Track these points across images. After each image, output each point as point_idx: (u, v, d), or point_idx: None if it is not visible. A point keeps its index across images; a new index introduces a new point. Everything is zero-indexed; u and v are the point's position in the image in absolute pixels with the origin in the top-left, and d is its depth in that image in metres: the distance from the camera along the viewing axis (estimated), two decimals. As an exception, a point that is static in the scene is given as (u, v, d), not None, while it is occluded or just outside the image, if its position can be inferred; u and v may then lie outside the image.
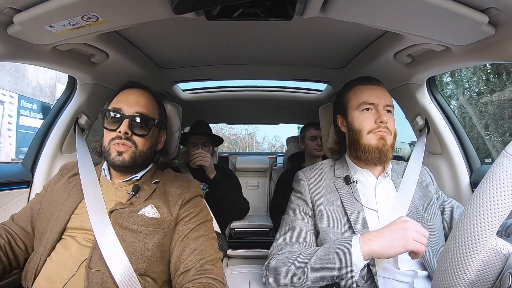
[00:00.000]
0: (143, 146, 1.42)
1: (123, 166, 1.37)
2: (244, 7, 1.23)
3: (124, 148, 1.36)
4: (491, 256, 0.70)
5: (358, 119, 1.48)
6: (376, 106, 1.45)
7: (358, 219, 1.38)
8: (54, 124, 1.96)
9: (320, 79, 2.63)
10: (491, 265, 0.71)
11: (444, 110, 1.94)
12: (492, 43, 1.25)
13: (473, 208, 0.71)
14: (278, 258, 1.32)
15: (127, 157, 1.36)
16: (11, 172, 1.87)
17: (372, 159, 1.43)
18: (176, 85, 2.79)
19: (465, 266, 0.70)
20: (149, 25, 1.28)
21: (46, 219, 1.35)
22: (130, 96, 1.44)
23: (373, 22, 1.25)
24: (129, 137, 1.37)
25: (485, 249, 0.69)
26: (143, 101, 1.45)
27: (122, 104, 1.40)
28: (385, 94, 1.50)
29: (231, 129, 26.89)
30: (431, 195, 1.52)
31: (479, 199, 0.70)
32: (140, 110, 1.41)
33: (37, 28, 1.21)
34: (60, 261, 1.24)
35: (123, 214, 1.30)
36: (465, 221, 0.71)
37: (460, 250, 0.71)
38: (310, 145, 2.99)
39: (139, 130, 1.39)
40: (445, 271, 0.74)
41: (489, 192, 0.69)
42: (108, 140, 1.38)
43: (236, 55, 2.09)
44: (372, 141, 1.43)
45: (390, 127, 1.44)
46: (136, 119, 1.38)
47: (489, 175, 0.72)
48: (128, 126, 1.36)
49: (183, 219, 1.38)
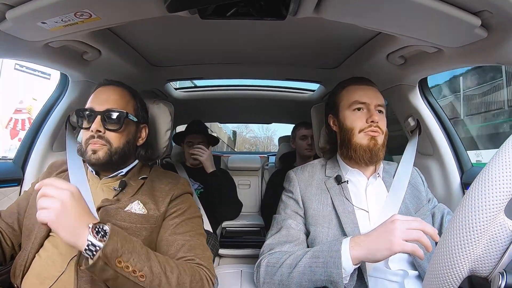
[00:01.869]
0: (119, 142, 1.40)
1: (98, 164, 1.36)
2: (237, 6, 1.23)
3: (98, 146, 1.35)
4: (498, 231, 0.69)
5: (349, 118, 1.49)
6: (367, 106, 1.46)
7: (348, 219, 1.39)
8: (45, 122, 1.95)
9: (313, 79, 2.64)
10: (498, 241, 0.69)
11: (435, 112, 1.95)
12: (484, 46, 1.26)
13: (484, 181, 0.68)
14: (269, 258, 1.33)
15: (101, 155, 1.35)
16: (2, 170, 1.86)
17: (362, 158, 1.44)
18: (169, 84, 2.78)
19: (473, 240, 0.68)
20: (142, 23, 1.28)
21: (34, 216, 1.33)
22: (101, 95, 1.44)
23: (366, 23, 1.25)
24: (102, 135, 1.36)
25: (492, 225, 0.68)
26: (114, 97, 1.44)
27: (93, 103, 1.40)
28: (377, 94, 1.50)
29: (251, 132, 29.31)
30: (422, 196, 1.53)
31: (490, 172, 0.68)
32: (110, 106, 1.39)
33: (30, 24, 1.20)
34: (49, 258, 1.23)
35: (110, 211, 1.30)
36: (473, 196, 0.69)
37: (468, 225, 0.69)
38: (301, 145, 3.01)
39: (112, 126, 1.38)
40: (445, 256, 0.72)
41: (500, 166, 0.68)
42: (84, 140, 1.38)
43: (229, 54, 2.09)
44: (363, 141, 1.44)
45: (381, 126, 1.45)
46: (106, 115, 1.37)
47: (500, 151, 0.69)
48: (99, 124, 1.35)
49: (171, 215, 1.38)
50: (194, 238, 1.33)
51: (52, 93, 2.02)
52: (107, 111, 1.37)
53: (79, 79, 1.90)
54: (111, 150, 1.37)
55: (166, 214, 1.38)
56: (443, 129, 1.93)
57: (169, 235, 1.32)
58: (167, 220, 1.37)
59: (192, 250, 1.28)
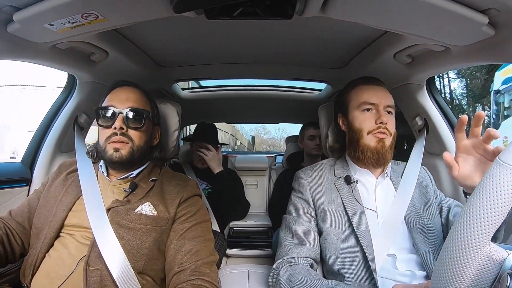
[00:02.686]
0: (140, 140, 1.43)
1: (121, 162, 1.37)
2: (244, 6, 1.23)
3: (121, 144, 1.37)
4: (485, 263, 0.70)
5: (358, 119, 1.48)
6: (376, 107, 1.45)
7: (358, 220, 1.39)
8: (53, 123, 1.96)
9: (320, 79, 2.63)
10: (485, 272, 0.71)
11: (443, 111, 1.94)
12: (491, 44, 1.25)
13: (467, 217, 0.71)
14: (290, 271, 1.32)
15: (124, 153, 1.37)
16: (10, 170, 1.87)
17: (370, 159, 1.43)
18: (176, 84, 2.79)
19: (460, 274, 0.70)
20: (149, 23, 1.28)
21: (44, 216, 1.35)
22: (121, 94, 1.45)
23: (373, 22, 1.24)
24: (125, 132, 1.38)
25: (479, 257, 0.70)
26: (134, 97, 1.45)
27: (113, 101, 1.41)
28: (386, 94, 1.49)
29: (268, 133, 32.18)
30: (430, 195, 1.52)
31: (472, 207, 0.70)
32: (131, 105, 1.41)
33: (37, 26, 1.21)
34: (59, 258, 1.24)
35: (120, 212, 1.30)
36: (459, 229, 0.71)
37: (455, 258, 0.71)
38: (309, 145, 2.99)
39: (134, 124, 1.40)
40: (441, 277, 0.74)
41: (483, 200, 0.69)
42: (104, 139, 1.38)
43: (236, 54, 2.09)
44: (371, 143, 1.44)
45: (389, 128, 1.44)
46: (129, 113, 1.39)
47: (482, 183, 0.72)
48: (122, 121, 1.37)
49: (180, 218, 1.38)
50: (202, 244, 1.33)
51: (60, 94, 2.03)
52: (130, 109, 1.40)
53: (87, 80, 1.91)
54: (133, 148, 1.39)
55: (175, 216, 1.38)
56: (450, 128, 1.91)
57: (178, 239, 1.33)
58: (176, 223, 1.37)
59: (198, 255, 1.29)
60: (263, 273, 1.67)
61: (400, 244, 1.37)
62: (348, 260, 1.35)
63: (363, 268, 1.31)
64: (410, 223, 1.40)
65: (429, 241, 1.36)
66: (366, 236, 1.35)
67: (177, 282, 1.22)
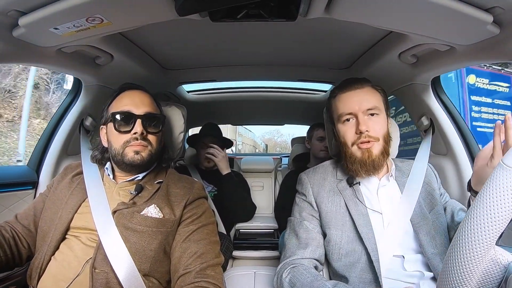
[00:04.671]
0: (157, 143, 1.46)
1: (142, 165, 1.39)
2: (248, 8, 1.23)
3: (141, 147, 1.38)
4: (491, 267, 0.70)
5: (341, 131, 1.47)
6: (355, 115, 1.41)
7: (362, 221, 1.38)
8: (59, 126, 1.97)
9: (325, 80, 2.63)
10: (491, 276, 0.71)
11: (449, 110, 1.92)
12: (496, 43, 1.24)
13: (471, 221, 0.71)
14: (292, 273, 1.32)
15: (145, 156, 1.39)
16: (17, 173, 1.88)
17: (359, 171, 1.42)
18: (181, 86, 2.80)
19: (466, 278, 0.70)
20: (154, 26, 1.29)
21: (50, 219, 1.35)
22: (134, 98, 1.45)
23: (377, 22, 1.24)
24: (144, 136, 1.40)
25: (484, 261, 0.69)
26: (148, 101, 1.47)
27: (129, 106, 1.42)
28: (366, 97, 1.44)
29: (282, 136, 35.05)
30: (436, 194, 1.51)
31: (477, 212, 0.70)
32: (148, 110, 1.43)
33: (42, 30, 1.22)
34: (65, 260, 1.25)
35: (126, 214, 1.31)
36: (464, 234, 0.71)
37: (460, 263, 0.70)
38: (317, 146, 2.96)
39: (152, 128, 1.43)
40: (448, 282, 0.74)
41: (487, 204, 0.69)
42: (122, 143, 1.39)
43: (241, 56, 2.09)
44: (357, 153, 1.42)
45: (373, 134, 1.40)
46: (148, 118, 1.41)
47: (486, 187, 0.72)
48: (141, 126, 1.38)
49: (186, 220, 1.38)
50: (207, 246, 1.33)
51: (66, 98, 2.04)
52: (148, 114, 1.42)
53: (92, 83, 1.92)
54: (152, 152, 1.42)
55: (181, 219, 1.38)
56: (456, 128, 1.90)
57: (184, 241, 1.33)
58: (182, 226, 1.37)
59: (203, 257, 1.29)
60: (269, 275, 1.67)
61: (406, 245, 1.37)
62: (352, 262, 1.34)
63: (368, 271, 1.30)
64: (417, 225, 1.38)
65: (436, 242, 1.35)
66: (371, 238, 1.34)
67: (182, 284, 1.22)
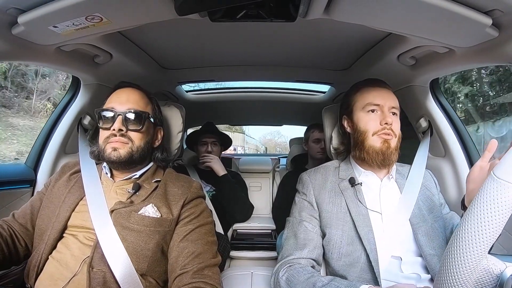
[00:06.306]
0: (140, 141, 1.43)
1: (119, 161, 1.37)
2: (247, 9, 1.23)
3: (119, 144, 1.37)
4: (483, 276, 0.71)
5: (363, 120, 1.48)
6: (381, 108, 1.45)
7: (362, 222, 1.38)
8: (57, 124, 1.97)
9: (324, 81, 2.63)
10: (484, 285, 0.71)
11: (447, 113, 1.93)
12: (495, 45, 1.25)
13: (464, 232, 0.71)
14: (289, 272, 1.31)
15: (122, 153, 1.37)
16: (15, 172, 1.88)
17: (375, 160, 1.43)
18: (180, 86, 2.80)
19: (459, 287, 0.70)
20: (153, 26, 1.29)
21: (47, 217, 1.35)
22: (121, 95, 1.46)
23: (376, 23, 1.24)
24: (124, 133, 1.38)
25: (477, 271, 0.70)
26: (134, 98, 1.46)
27: (114, 103, 1.42)
28: (391, 96, 1.49)
29: (282, 137, 37.21)
30: (435, 198, 1.52)
31: (468, 223, 0.71)
32: (131, 107, 1.42)
33: (41, 28, 1.22)
34: (62, 259, 1.24)
35: (124, 214, 1.31)
36: (457, 244, 0.72)
37: (454, 273, 0.71)
38: (313, 148, 2.99)
39: (133, 125, 1.40)
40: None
41: (478, 216, 0.70)
42: (103, 139, 1.39)
43: (240, 56, 2.10)
44: (376, 144, 1.43)
45: (394, 129, 1.44)
46: (128, 115, 1.39)
47: (477, 198, 0.73)
48: (121, 123, 1.37)
49: (183, 220, 1.38)
50: (204, 246, 1.33)
51: (64, 96, 2.04)
52: (129, 111, 1.40)
53: (91, 82, 1.92)
54: (132, 149, 1.40)
55: (179, 218, 1.38)
56: (455, 130, 1.90)
57: (181, 241, 1.33)
58: (180, 225, 1.37)
59: (200, 257, 1.28)
60: (267, 275, 1.66)
61: (405, 246, 1.37)
62: (351, 262, 1.34)
63: (367, 271, 1.30)
64: (415, 225, 1.39)
65: (434, 243, 1.35)
66: (370, 239, 1.34)
67: (179, 284, 1.22)
